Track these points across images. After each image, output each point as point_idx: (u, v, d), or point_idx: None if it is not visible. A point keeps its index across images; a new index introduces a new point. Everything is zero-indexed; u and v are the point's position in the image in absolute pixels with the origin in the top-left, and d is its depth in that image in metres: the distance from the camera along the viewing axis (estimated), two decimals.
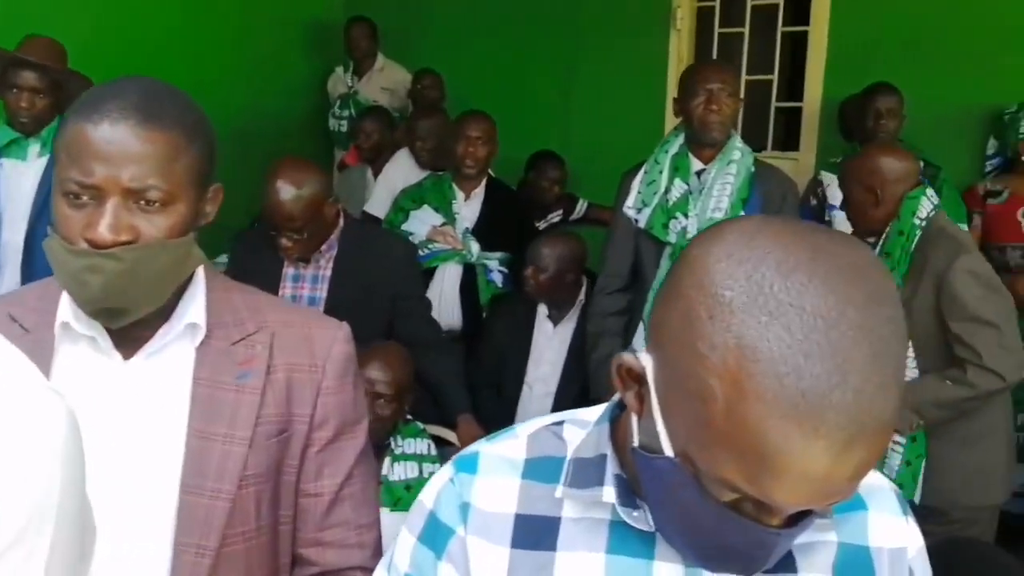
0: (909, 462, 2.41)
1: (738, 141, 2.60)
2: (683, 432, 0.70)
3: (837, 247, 0.67)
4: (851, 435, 0.63)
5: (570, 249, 3.05)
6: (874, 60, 4.03)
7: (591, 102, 4.65)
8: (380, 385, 2.21)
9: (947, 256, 2.29)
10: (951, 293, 2.27)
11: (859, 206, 2.42)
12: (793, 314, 0.63)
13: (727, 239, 0.69)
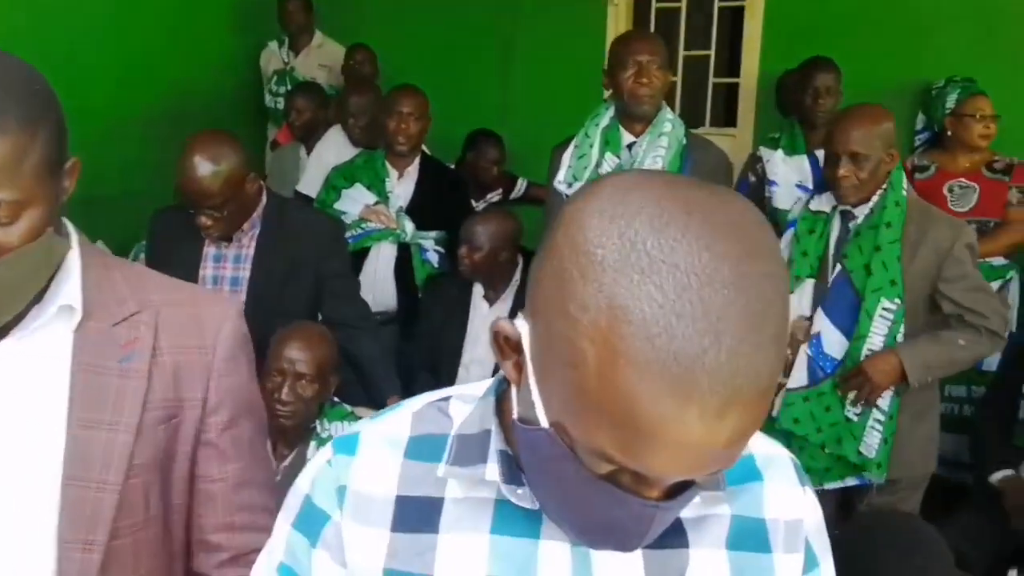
0: (886, 440, 2.41)
1: (669, 113, 2.57)
2: (557, 401, 0.66)
3: (714, 203, 0.64)
4: (726, 399, 0.60)
5: (504, 227, 3.00)
6: (809, 36, 4.03)
7: (529, 78, 4.61)
8: (300, 365, 2.14)
9: (952, 232, 2.34)
10: (959, 266, 2.33)
11: (874, 168, 2.31)
12: (666, 272, 0.60)
13: (602, 195, 0.65)
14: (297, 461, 2.17)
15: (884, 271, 2.32)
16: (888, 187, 2.37)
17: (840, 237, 2.43)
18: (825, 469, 2.45)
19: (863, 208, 2.38)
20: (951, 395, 3.45)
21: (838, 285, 2.38)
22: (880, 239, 2.33)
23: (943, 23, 3.87)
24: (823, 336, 2.40)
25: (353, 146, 3.72)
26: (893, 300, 2.32)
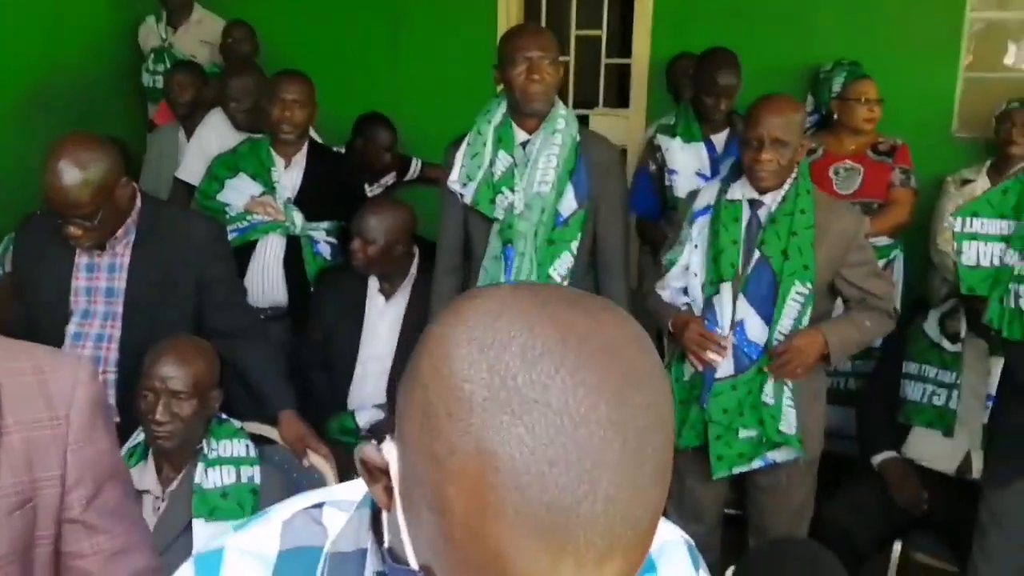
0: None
1: (562, 109, 2.52)
2: (425, 543, 0.61)
3: (590, 325, 0.59)
4: (604, 550, 0.55)
5: (398, 219, 2.91)
6: (700, 17, 4.06)
7: (420, 59, 4.49)
8: (173, 382, 2.02)
9: (856, 221, 2.48)
10: (863, 252, 2.48)
11: (792, 156, 2.37)
12: (538, 413, 0.55)
13: (470, 318, 0.59)
14: (184, 485, 2.06)
15: (799, 256, 2.38)
16: (798, 175, 2.42)
17: (750, 224, 2.45)
18: (739, 455, 2.50)
19: (774, 196, 2.42)
20: (837, 369, 3.55)
21: (758, 271, 2.41)
22: (796, 225, 2.38)
23: (828, 6, 3.93)
24: (746, 323, 2.43)
25: (236, 130, 3.55)
26: (805, 284, 2.39)
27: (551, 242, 2.47)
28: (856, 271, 2.44)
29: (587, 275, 2.59)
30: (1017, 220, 2.28)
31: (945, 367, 2.80)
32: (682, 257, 2.52)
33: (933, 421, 2.80)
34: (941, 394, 2.79)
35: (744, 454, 2.49)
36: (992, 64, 4.16)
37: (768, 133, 2.33)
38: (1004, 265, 2.28)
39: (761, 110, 2.38)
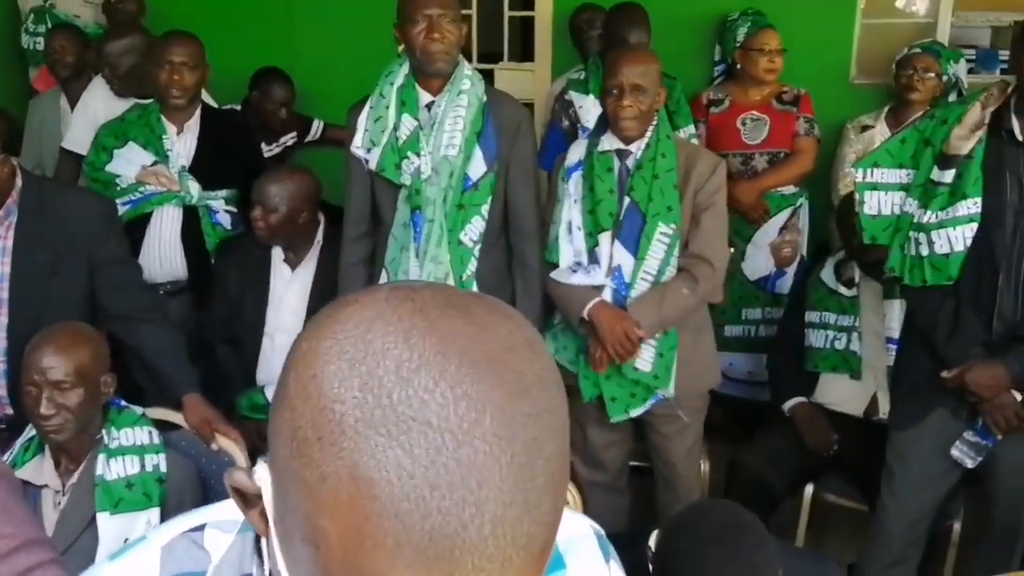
0: (662, 354, 2.53)
1: (467, 69, 2.45)
2: (303, 575, 0.56)
3: (473, 331, 0.54)
4: (495, 575, 0.52)
5: (300, 186, 2.81)
6: None
7: (317, 16, 4.31)
8: (54, 372, 1.89)
9: (711, 164, 2.56)
10: (711, 196, 2.52)
11: (651, 103, 2.46)
12: (416, 432, 0.50)
13: (340, 330, 0.54)
14: (85, 478, 1.96)
15: (662, 197, 2.46)
16: (659, 122, 2.51)
17: (620, 174, 2.51)
18: (631, 395, 2.54)
19: (639, 144, 2.49)
20: (747, 318, 3.64)
21: (629, 216, 2.48)
22: (658, 169, 2.46)
23: None
24: (622, 266, 2.49)
25: (120, 98, 3.36)
26: (669, 225, 2.46)
27: (461, 207, 2.41)
28: (698, 210, 2.52)
29: (499, 239, 2.56)
30: (915, 169, 2.31)
31: (843, 312, 2.86)
32: (563, 213, 2.54)
33: (838, 365, 2.87)
34: (842, 338, 2.85)
35: (636, 395, 2.53)
36: (886, 10, 4.22)
37: (627, 81, 2.40)
38: (904, 213, 2.32)
39: (620, 60, 2.46)
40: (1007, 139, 2.19)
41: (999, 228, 2.18)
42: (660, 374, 2.52)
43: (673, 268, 2.50)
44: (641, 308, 2.47)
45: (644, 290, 2.48)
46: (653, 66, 2.49)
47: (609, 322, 2.46)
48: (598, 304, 2.48)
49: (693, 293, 2.49)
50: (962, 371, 2.23)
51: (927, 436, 2.35)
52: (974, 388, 2.23)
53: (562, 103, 3.49)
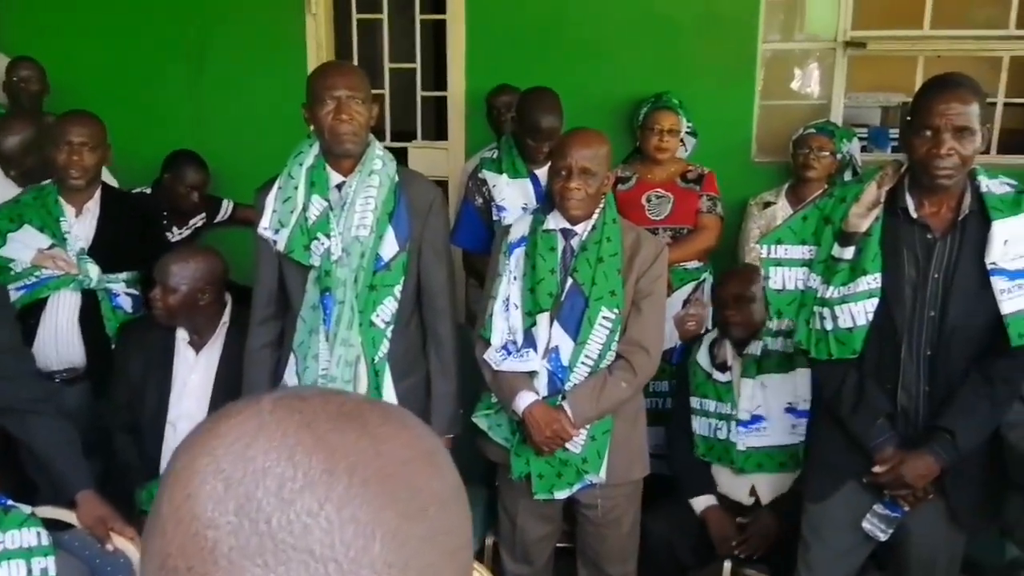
0: (594, 437, 2.49)
1: (378, 148, 2.44)
2: None
3: (365, 445, 0.50)
4: None
5: (203, 265, 2.74)
6: (511, 49, 4.08)
7: (226, 93, 4.28)
8: None
9: (654, 250, 2.54)
10: (652, 284, 2.52)
11: (599, 186, 2.46)
12: (297, 563, 0.46)
13: (219, 446, 0.50)
14: None
15: (606, 281, 2.45)
16: (605, 205, 2.51)
17: (564, 254, 2.50)
18: (557, 475, 2.50)
19: (585, 225, 2.48)
20: (655, 390, 3.64)
21: (571, 298, 2.45)
22: (603, 252, 2.46)
23: (634, 38, 4.04)
24: (560, 348, 2.45)
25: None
26: (612, 310, 2.44)
27: (372, 287, 2.37)
28: (639, 295, 2.51)
29: (413, 319, 2.52)
30: (817, 245, 2.38)
31: (720, 399, 2.83)
32: (501, 289, 2.51)
33: (721, 457, 2.84)
34: (723, 427, 2.81)
35: (563, 475, 2.49)
36: (783, 91, 4.41)
37: (576, 164, 2.40)
38: (808, 288, 2.38)
39: (569, 142, 2.46)
40: (903, 216, 2.27)
41: (899, 302, 2.25)
42: (589, 458, 2.48)
43: (613, 353, 2.48)
44: (579, 400, 2.44)
45: (583, 376, 2.45)
46: (603, 149, 2.47)
47: (543, 421, 2.43)
48: (532, 405, 2.44)
49: (631, 386, 2.48)
50: (894, 465, 2.25)
51: (840, 509, 2.37)
52: (910, 482, 2.25)
53: (475, 181, 3.50)
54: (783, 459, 2.73)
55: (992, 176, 2.29)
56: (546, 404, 2.46)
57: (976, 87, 2.19)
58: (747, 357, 2.74)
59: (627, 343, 2.49)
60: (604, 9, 4.05)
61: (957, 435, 2.22)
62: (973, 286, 2.20)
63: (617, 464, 2.52)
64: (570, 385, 2.46)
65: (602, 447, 2.50)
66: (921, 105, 2.20)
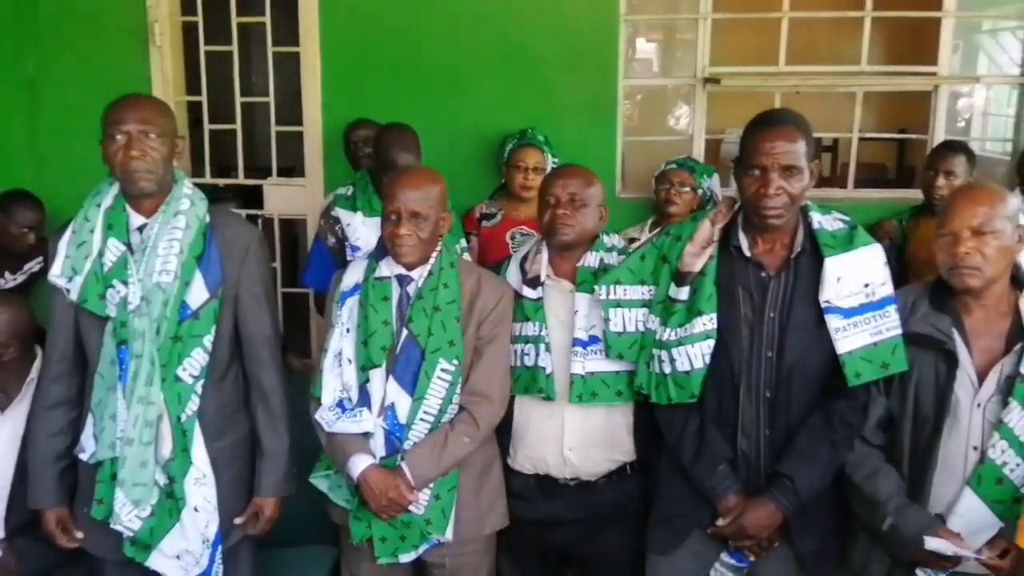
0: (439, 496, 2.32)
1: (186, 187, 2.25)
2: None
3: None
4: None
5: (12, 317, 2.53)
6: (368, 83, 3.96)
7: (66, 129, 4.00)
8: None
9: (500, 291, 2.39)
10: (496, 327, 2.37)
11: (433, 230, 2.30)
12: None
13: None
14: None
15: (444, 331, 2.29)
16: (443, 249, 2.36)
17: (400, 302, 2.34)
18: (401, 538, 2.33)
19: (421, 270, 2.33)
20: None
21: (406, 351, 2.29)
22: (439, 300, 2.30)
23: (496, 73, 3.97)
24: (396, 405, 2.28)
25: None
26: (451, 361, 2.28)
27: (177, 339, 2.17)
28: (482, 342, 2.36)
29: (230, 371, 2.32)
30: (655, 285, 2.30)
31: (528, 319, 2.44)
32: (332, 343, 2.34)
33: (528, 387, 2.43)
34: (531, 352, 2.42)
35: (407, 538, 2.33)
36: (645, 127, 4.41)
37: (405, 208, 2.26)
38: (648, 330, 2.29)
39: (397, 184, 2.30)
40: (736, 255, 2.21)
41: (735, 343, 2.18)
42: (434, 519, 2.32)
43: (455, 406, 2.32)
44: (418, 461, 2.27)
45: (423, 433, 2.29)
46: (434, 189, 2.31)
47: (378, 488, 2.25)
48: (367, 470, 2.27)
49: (474, 440, 2.32)
50: (735, 517, 2.18)
51: (686, 560, 2.28)
52: (752, 532, 2.18)
53: (328, 219, 3.35)
54: (620, 387, 2.38)
55: (825, 212, 2.26)
56: (382, 468, 2.29)
57: (802, 124, 2.15)
58: (583, 269, 2.44)
59: (469, 393, 2.34)
60: (464, 44, 3.96)
61: (797, 481, 2.15)
62: (809, 325, 2.16)
63: (466, 520, 2.36)
64: (409, 444, 2.29)
65: (447, 505, 2.33)
66: (748, 144, 2.15)
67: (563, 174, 2.48)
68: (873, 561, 2.21)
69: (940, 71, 4.00)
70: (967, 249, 2.04)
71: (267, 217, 4.18)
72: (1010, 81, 4.13)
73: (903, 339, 2.13)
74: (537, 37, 3.95)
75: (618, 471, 2.45)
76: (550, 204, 2.41)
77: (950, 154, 3.56)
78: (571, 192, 2.39)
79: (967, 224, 2.04)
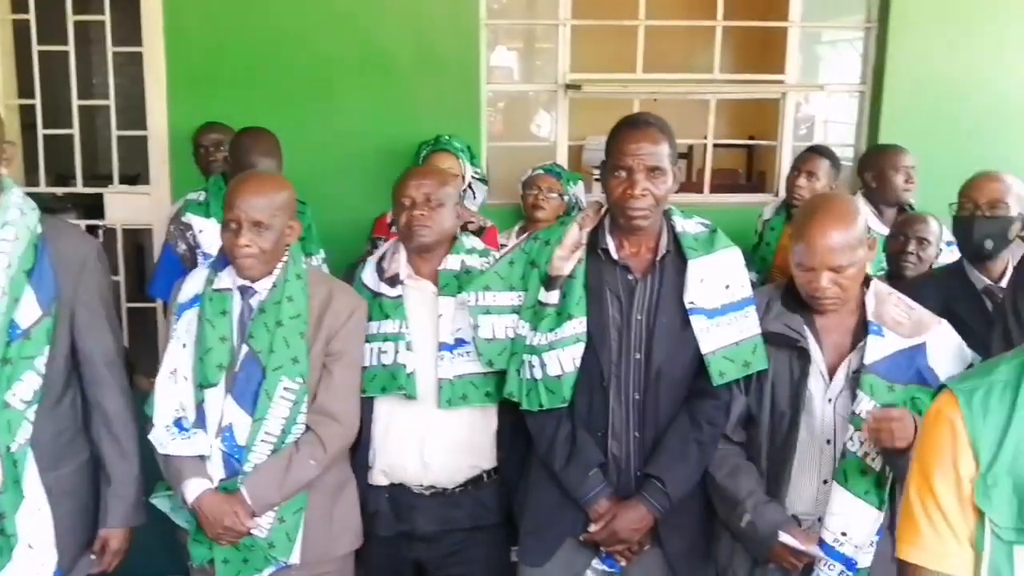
0: (283, 519, 2.19)
1: (16, 196, 2.05)
2: None
3: None
4: None
5: None
6: (222, 84, 3.77)
7: None
8: None
9: (352, 302, 2.29)
10: (346, 341, 2.27)
11: (277, 239, 2.18)
12: None
13: None
14: None
15: (286, 348, 2.16)
16: (289, 260, 2.23)
17: (242, 315, 2.21)
18: (243, 561, 2.20)
19: (265, 282, 2.20)
20: None
21: (246, 368, 2.16)
22: (283, 314, 2.17)
23: (352, 77, 3.86)
24: (235, 426, 2.15)
25: None
26: (295, 379, 2.16)
27: (6, 361, 1.97)
28: (331, 358, 2.24)
29: (67, 394, 2.13)
30: (525, 290, 2.27)
31: (387, 316, 2.38)
32: (167, 359, 2.19)
33: (386, 386, 2.36)
34: (388, 350, 2.37)
35: (250, 560, 2.21)
36: (511, 133, 4.39)
37: (246, 216, 2.13)
38: (518, 336, 2.26)
39: (237, 191, 2.17)
40: (604, 258, 2.21)
41: (604, 346, 2.18)
42: (277, 542, 2.19)
43: (300, 427, 2.19)
44: (259, 485, 2.14)
45: (264, 455, 2.15)
46: (279, 196, 2.17)
47: (213, 515, 2.12)
48: (202, 495, 2.14)
49: (319, 464, 2.20)
50: (607, 522, 2.16)
51: (558, 570, 2.25)
52: (624, 536, 2.17)
53: (179, 225, 3.15)
54: (489, 388, 2.32)
55: (687, 216, 2.28)
56: (218, 493, 2.15)
57: (665, 127, 2.17)
58: (445, 272, 2.36)
59: (316, 412, 2.22)
60: (322, 45, 3.83)
61: (667, 482, 2.16)
62: (675, 326, 2.18)
63: (316, 541, 2.25)
64: (250, 466, 2.16)
65: (292, 528, 2.20)
66: (613, 146, 2.16)
67: (417, 175, 2.42)
68: (736, 558, 2.24)
69: (787, 79, 4.16)
70: (826, 284, 2.07)
71: (109, 227, 3.93)
72: (850, 89, 4.34)
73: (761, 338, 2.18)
74: (397, 41, 3.86)
75: (475, 480, 2.39)
76: (405, 206, 2.34)
77: (815, 157, 3.70)
78: (426, 192, 2.33)
79: (826, 264, 2.06)
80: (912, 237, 3.12)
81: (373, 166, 3.80)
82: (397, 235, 2.46)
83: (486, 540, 2.41)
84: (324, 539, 2.27)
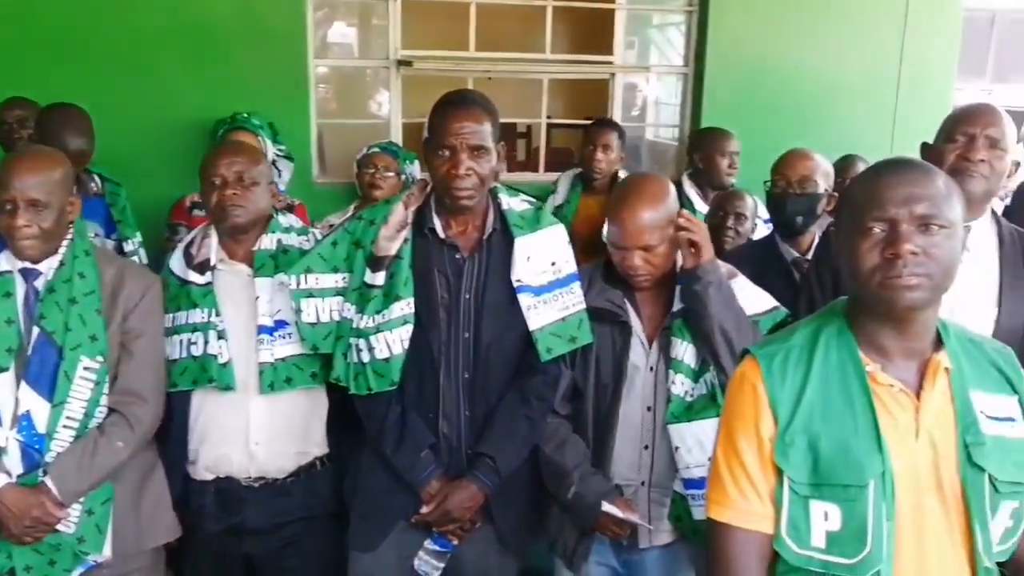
0: (91, 510, 2.10)
1: None
2: None
3: None
4: None
5: None
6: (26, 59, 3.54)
7: None
8: None
9: (142, 283, 2.20)
10: (144, 321, 2.19)
11: (57, 218, 2.07)
12: None
13: None
14: None
15: (83, 326, 2.08)
16: (75, 237, 2.14)
17: (28, 298, 2.09)
18: (50, 563, 2.08)
19: (50, 262, 2.10)
20: None
21: (39, 351, 2.05)
22: (75, 291, 2.08)
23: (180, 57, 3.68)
24: (33, 413, 2.03)
25: None
26: (95, 358, 2.08)
27: None
28: (129, 337, 2.15)
29: None
30: (350, 272, 2.22)
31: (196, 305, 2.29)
32: None
33: (198, 379, 2.28)
34: (198, 340, 2.28)
35: (57, 562, 2.09)
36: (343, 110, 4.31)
37: (21, 195, 2.03)
38: (343, 319, 2.21)
39: (11, 169, 2.05)
40: (431, 237, 2.19)
41: (434, 326, 2.16)
42: (88, 536, 2.08)
43: (103, 409, 2.10)
44: (64, 473, 2.03)
45: (67, 442, 2.04)
46: (55, 172, 2.08)
47: (18, 508, 2.00)
48: (1, 491, 2.01)
49: (128, 445, 2.11)
50: (439, 502, 2.16)
51: (390, 554, 2.23)
52: (456, 515, 2.17)
53: None
54: (315, 368, 2.27)
55: (513, 194, 2.29)
56: (20, 487, 2.03)
57: (488, 105, 2.16)
58: (260, 253, 2.29)
59: (120, 393, 2.13)
60: (137, 17, 3.64)
61: (498, 459, 2.18)
62: (503, 304, 2.18)
63: (125, 534, 2.15)
64: (52, 456, 2.05)
65: (102, 520, 2.10)
66: (436, 124, 2.13)
67: (227, 152, 2.32)
68: (566, 529, 2.29)
69: (616, 60, 4.26)
70: (639, 263, 2.15)
71: None
72: (676, 71, 4.49)
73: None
74: (220, 13, 3.71)
75: (307, 467, 2.34)
76: (216, 185, 2.24)
77: (606, 130, 3.82)
78: (237, 171, 2.24)
79: (636, 244, 2.13)
80: (731, 212, 3.27)
81: (193, 145, 3.64)
82: (205, 219, 2.36)
83: (321, 530, 2.36)
84: (132, 532, 2.17)
